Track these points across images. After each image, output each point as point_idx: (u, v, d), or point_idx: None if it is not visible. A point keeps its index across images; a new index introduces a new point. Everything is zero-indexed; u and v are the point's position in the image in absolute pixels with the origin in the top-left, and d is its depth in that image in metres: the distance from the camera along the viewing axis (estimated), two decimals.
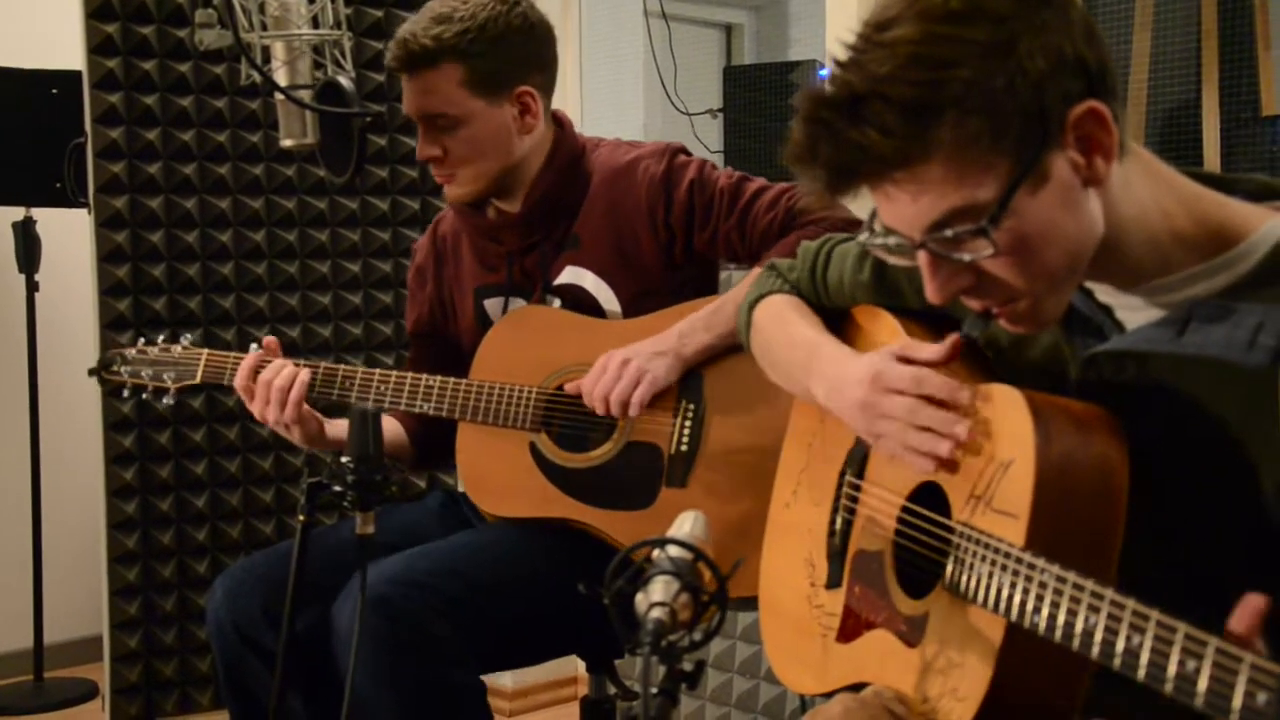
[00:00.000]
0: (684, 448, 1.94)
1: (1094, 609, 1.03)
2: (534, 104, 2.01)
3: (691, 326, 1.95)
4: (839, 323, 1.59)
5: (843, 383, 1.40)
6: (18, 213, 3.37)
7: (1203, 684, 0.92)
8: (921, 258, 1.18)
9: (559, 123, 2.10)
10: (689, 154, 2.07)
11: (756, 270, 1.93)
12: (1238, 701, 0.90)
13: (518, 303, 2.11)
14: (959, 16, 1.10)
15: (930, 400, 1.28)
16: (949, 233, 1.13)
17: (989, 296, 1.19)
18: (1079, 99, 1.11)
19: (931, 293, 1.19)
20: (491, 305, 2.14)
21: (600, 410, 1.93)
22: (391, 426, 2.14)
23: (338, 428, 2.04)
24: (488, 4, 1.96)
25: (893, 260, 1.24)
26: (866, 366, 1.36)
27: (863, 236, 1.23)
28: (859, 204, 1.24)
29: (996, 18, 1.10)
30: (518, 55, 1.99)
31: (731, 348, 1.92)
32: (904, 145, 1.10)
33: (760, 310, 1.68)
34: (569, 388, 1.98)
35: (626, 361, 1.93)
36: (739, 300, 1.87)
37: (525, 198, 2.06)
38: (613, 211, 2.04)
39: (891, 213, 1.17)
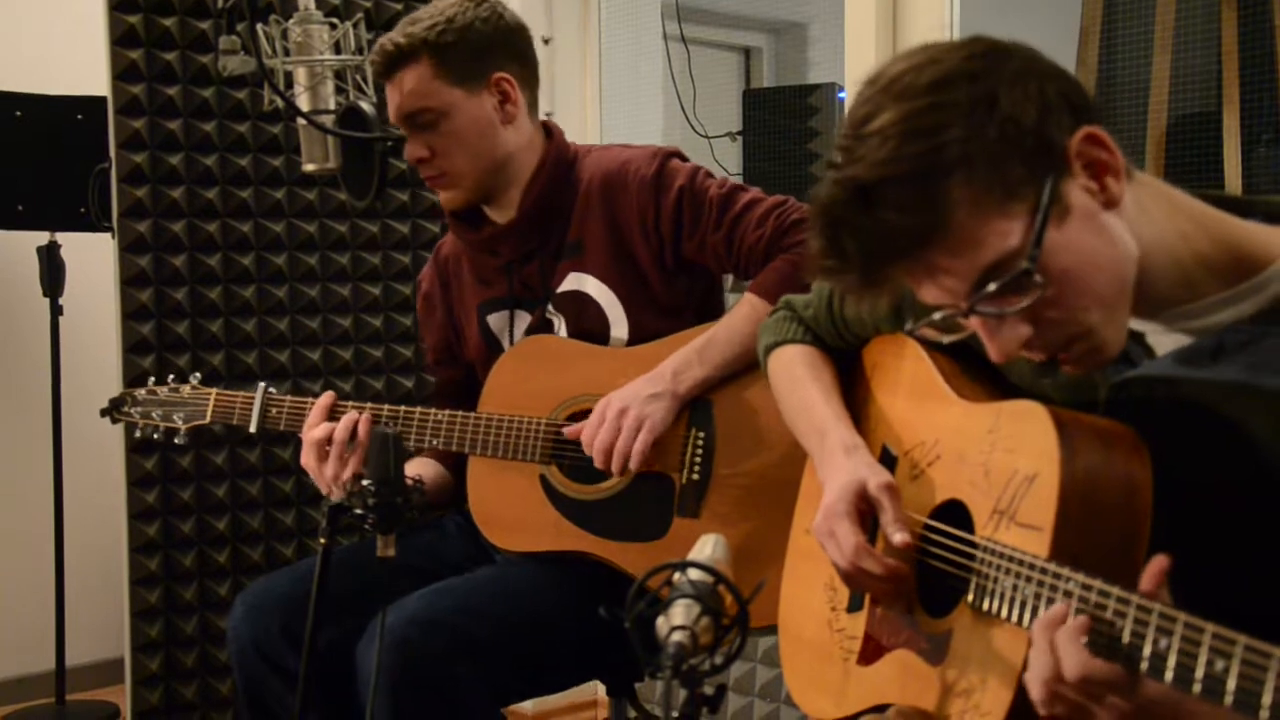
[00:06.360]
0: (695, 477, 1.92)
1: (1120, 614, 1.03)
2: (513, 91, 2.00)
3: (686, 362, 1.92)
4: (854, 364, 1.60)
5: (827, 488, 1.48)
6: (42, 237, 3.40)
7: (1232, 682, 0.92)
8: (976, 323, 1.18)
9: (548, 132, 2.08)
10: (684, 159, 2.03)
11: (749, 298, 1.92)
12: (1268, 698, 0.90)
13: (521, 315, 2.09)
14: (935, 86, 1.12)
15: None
16: (993, 287, 1.13)
17: (1049, 342, 1.18)
18: (1073, 129, 1.14)
19: (994, 353, 1.18)
20: (495, 320, 2.12)
21: (600, 465, 1.91)
22: (433, 467, 2.13)
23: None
24: (456, 2, 1.98)
25: (947, 340, 1.24)
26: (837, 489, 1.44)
27: (908, 327, 1.24)
28: None
29: (970, 77, 1.12)
30: (488, 42, 1.98)
31: (736, 373, 1.91)
32: (923, 217, 1.12)
33: (773, 362, 1.70)
34: (568, 432, 1.95)
35: (624, 410, 1.90)
36: (731, 330, 1.90)
37: (519, 206, 2.04)
38: (608, 214, 2.01)
39: (932, 290, 1.17)
